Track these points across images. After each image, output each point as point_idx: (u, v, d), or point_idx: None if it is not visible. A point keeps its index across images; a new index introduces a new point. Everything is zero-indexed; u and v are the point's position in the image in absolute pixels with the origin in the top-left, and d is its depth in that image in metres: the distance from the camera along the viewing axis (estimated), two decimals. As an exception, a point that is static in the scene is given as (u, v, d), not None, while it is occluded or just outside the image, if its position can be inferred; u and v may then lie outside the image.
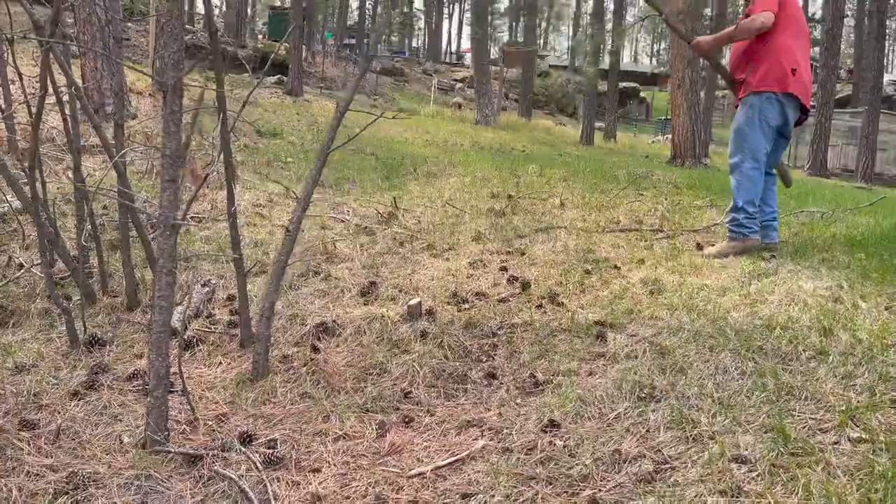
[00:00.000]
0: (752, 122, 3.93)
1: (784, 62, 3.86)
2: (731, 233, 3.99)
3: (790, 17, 3.94)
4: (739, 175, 3.97)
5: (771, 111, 3.92)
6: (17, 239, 4.03)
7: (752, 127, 3.94)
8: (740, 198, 3.95)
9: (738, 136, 4.00)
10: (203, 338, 2.93)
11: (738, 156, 3.99)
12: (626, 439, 2.11)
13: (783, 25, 3.88)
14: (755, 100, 3.92)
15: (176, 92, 1.76)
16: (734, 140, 4.03)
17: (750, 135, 3.94)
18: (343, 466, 2.06)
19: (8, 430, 2.12)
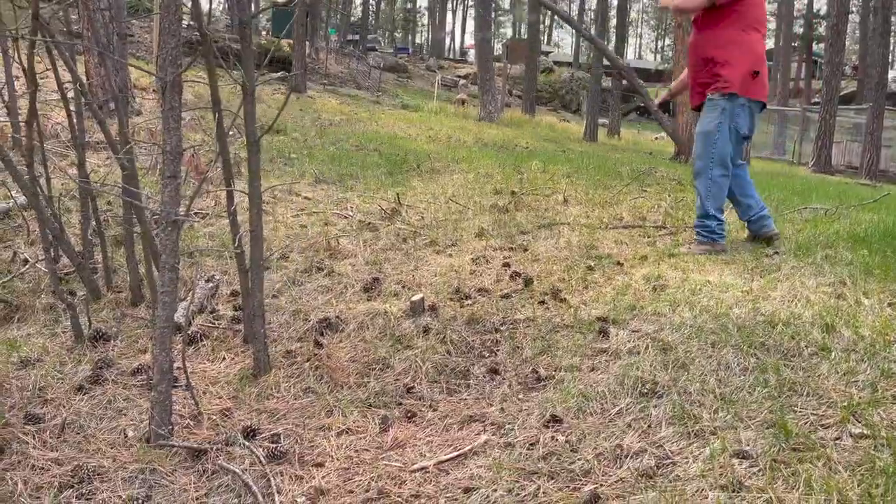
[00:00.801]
0: (722, 127, 3.79)
1: (752, 64, 3.76)
2: (701, 237, 3.91)
3: (754, 7, 3.83)
4: (709, 182, 3.86)
5: (742, 119, 3.82)
6: (23, 234, 4.05)
7: (721, 133, 3.80)
8: (711, 206, 3.86)
9: (706, 141, 3.84)
10: (207, 333, 2.95)
11: (704, 161, 3.86)
12: (627, 434, 2.12)
13: (749, 18, 3.78)
14: (727, 105, 3.78)
15: (174, 88, 1.77)
16: (701, 144, 3.88)
17: (719, 141, 3.80)
18: (346, 461, 2.08)
19: (13, 424, 2.14)
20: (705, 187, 3.86)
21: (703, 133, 3.86)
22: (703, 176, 3.88)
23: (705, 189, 3.86)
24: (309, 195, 5.55)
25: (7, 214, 4.44)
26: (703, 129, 3.85)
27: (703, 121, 3.87)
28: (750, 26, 3.81)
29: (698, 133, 3.90)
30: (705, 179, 3.86)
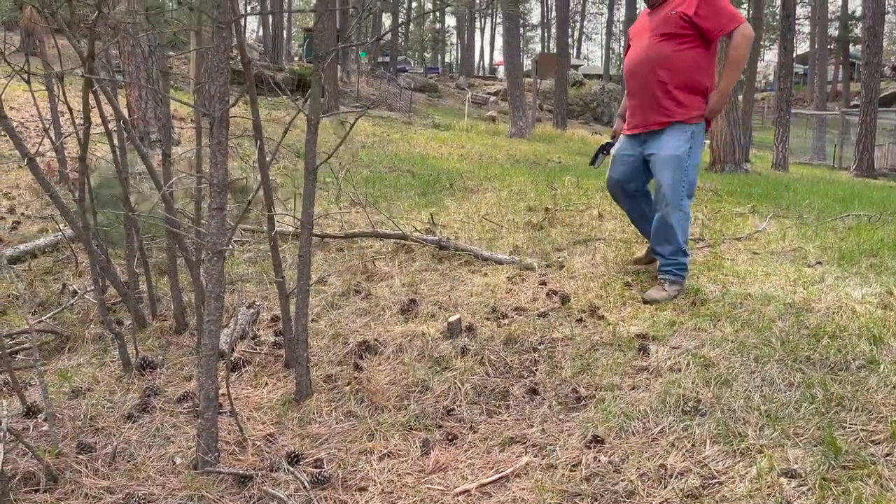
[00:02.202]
0: (692, 154, 3.46)
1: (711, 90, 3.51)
2: (674, 276, 3.50)
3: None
4: (680, 215, 3.47)
5: (701, 144, 3.55)
6: (71, 266, 4.18)
7: (692, 160, 3.46)
8: (683, 239, 3.51)
9: (679, 168, 3.42)
10: (249, 359, 3.00)
11: (675, 190, 3.44)
12: (671, 454, 2.10)
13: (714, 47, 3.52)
14: (697, 130, 3.47)
15: (222, 124, 1.83)
16: (672, 171, 3.43)
17: (690, 168, 3.46)
18: (389, 485, 2.09)
19: (67, 454, 2.20)
20: (676, 220, 3.46)
21: (674, 157, 3.42)
22: (673, 207, 3.45)
23: (677, 222, 3.46)
24: (345, 218, 5.62)
25: (55, 247, 4.60)
26: (675, 153, 3.42)
27: (670, 144, 3.44)
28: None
29: (667, 157, 3.43)
30: (676, 211, 3.45)
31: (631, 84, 3.63)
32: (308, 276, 2.65)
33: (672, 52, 3.40)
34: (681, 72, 3.41)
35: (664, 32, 3.41)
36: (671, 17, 3.39)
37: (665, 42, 3.41)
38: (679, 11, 3.35)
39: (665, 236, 3.51)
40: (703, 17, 3.31)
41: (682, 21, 3.34)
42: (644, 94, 3.52)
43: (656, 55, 3.44)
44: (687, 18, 3.33)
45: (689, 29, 3.35)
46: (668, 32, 3.39)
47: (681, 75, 3.41)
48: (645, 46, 3.50)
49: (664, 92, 3.44)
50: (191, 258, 3.18)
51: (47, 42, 4.44)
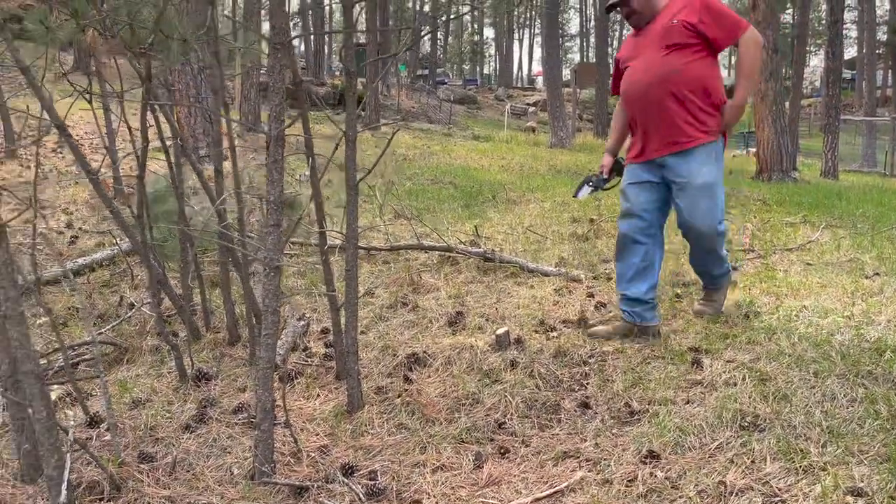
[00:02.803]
0: (720, 177, 3.14)
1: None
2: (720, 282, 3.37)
3: None
4: (721, 238, 3.19)
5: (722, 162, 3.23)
6: (127, 279, 4.30)
7: (720, 182, 3.13)
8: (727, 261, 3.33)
9: (715, 195, 3.09)
10: (301, 371, 3.04)
11: (719, 217, 3.13)
12: (730, 470, 2.06)
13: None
14: (720, 147, 3.14)
15: (278, 142, 1.87)
16: (711, 201, 3.07)
17: (720, 192, 3.14)
18: (443, 498, 2.09)
19: (129, 464, 2.26)
20: (720, 245, 3.21)
21: (710, 185, 3.05)
22: (718, 234, 3.15)
23: (720, 246, 3.22)
24: (390, 231, 5.67)
25: (112, 261, 4.74)
26: (708, 179, 3.05)
27: (703, 170, 3.05)
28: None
29: (703, 185, 3.04)
30: (719, 237, 3.16)
31: (636, 108, 3.18)
32: (355, 289, 2.68)
33: (683, 64, 3.01)
34: (696, 85, 3.04)
35: (670, 44, 3.02)
36: (673, 26, 3.02)
37: (674, 53, 3.02)
38: (681, 19, 3.01)
39: (710, 262, 3.28)
40: (708, 24, 2.99)
41: (686, 30, 3.00)
42: (658, 115, 3.09)
43: (667, 69, 3.03)
44: (691, 27, 2.99)
45: (695, 38, 3.00)
46: (676, 43, 3.02)
47: (697, 89, 3.05)
48: (650, 63, 3.08)
49: (682, 108, 3.05)
50: (243, 271, 3.24)
51: (106, 62, 4.59)
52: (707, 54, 3.06)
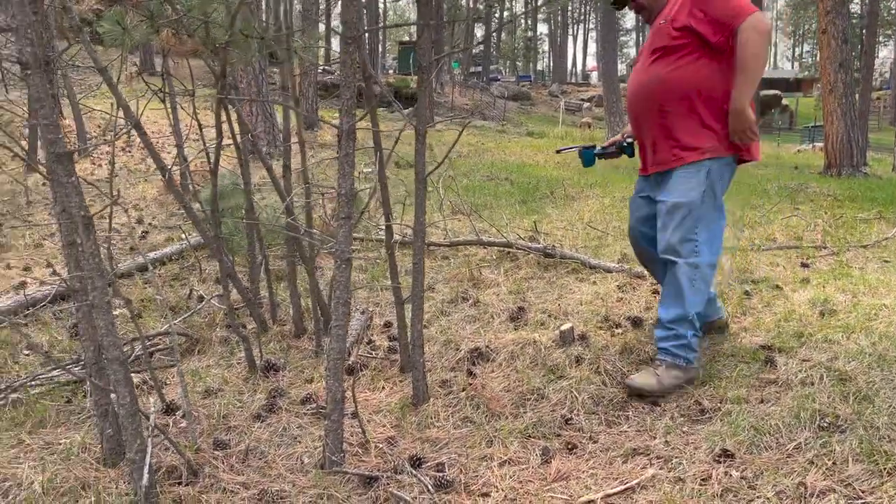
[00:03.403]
0: (708, 195, 2.63)
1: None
2: (672, 356, 2.67)
3: None
4: (695, 274, 2.64)
5: (725, 183, 2.71)
6: (196, 273, 4.43)
7: (707, 205, 2.64)
8: (692, 306, 2.65)
9: (689, 216, 2.63)
10: (365, 363, 3.08)
11: (691, 245, 2.63)
12: (810, 472, 1.99)
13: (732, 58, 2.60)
14: (715, 166, 2.64)
15: (350, 136, 1.89)
16: (683, 222, 2.64)
17: (707, 215, 2.64)
18: (511, 491, 2.09)
19: (204, 450, 2.32)
20: (689, 280, 2.65)
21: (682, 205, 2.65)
22: (688, 267, 2.65)
23: (689, 282, 2.65)
24: (448, 227, 5.68)
25: (181, 255, 4.88)
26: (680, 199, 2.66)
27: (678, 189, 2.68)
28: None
29: (673, 205, 2.67)
30: (690, 270, 2.65)
31: (631, 121, 2.91)
32: (422, 282, 2.69)
33: (667, 72, 2.62)
34: (682, 96, 2.63)
35: (656, 48, 2.68)
36: (661, 27, 2.67)
37: (659, 61, 2.67)
38: (671, 19, 2.63)
39: (669, 295, 2.71)
40: (700, 20, 2.55)
41: (673, 30, 2.61)
42: (644, 129, 2.81)
43: (650, 79, 2.69)
44: (681, 26, 2.60)
45: (684, 38, 2.60)
46: (661, 47, 2.66)
47: (682, 101, 2.63)
48: (638, 72, 2.78)
49: (663, 125, 2.70)
50: (309, 265, 3.30)
51: (177, 62, 4.73)
52: (703, 56, 2.60)
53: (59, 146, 1.66)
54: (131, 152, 10.14)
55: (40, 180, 6.78)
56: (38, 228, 5.78)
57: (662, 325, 2.72)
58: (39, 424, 2.55)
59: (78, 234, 1.76)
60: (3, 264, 4.87)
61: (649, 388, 2.60)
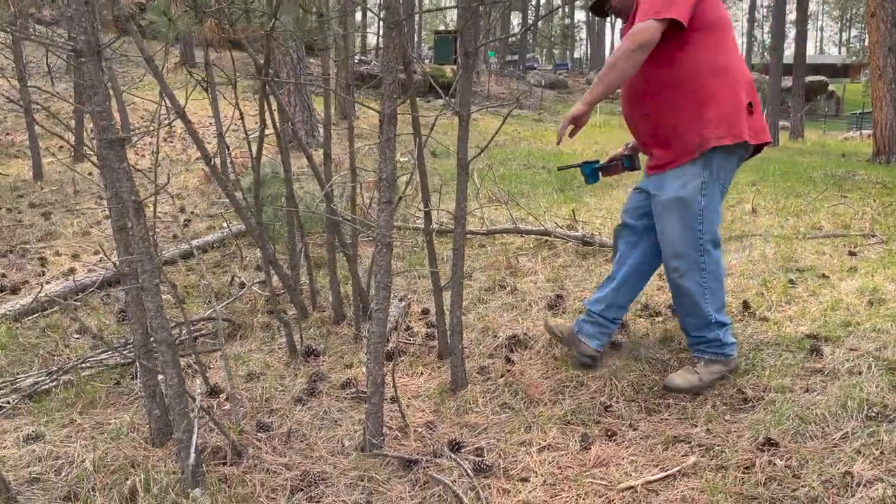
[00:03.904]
0: (709, 189, 2.45)
1: (740, 93, 2.43)
2: (709, 354, 2.59)
3: (722, 21, 2.45)
4: (701, 275, 2.50)
5: (728, 172, 2.50)
6: (237, 260, 4.51)
7: (709, 198, 2.46)
8: (711, 306, 2.53)
9: (688, 213, 2.46)
10: (404, 349, 3.10)
11: (689, 245, 2.48)
12: (856, 461, 1.95)
13: (720, 36, 2.43)
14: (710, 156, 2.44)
15: (391, 121, 1.90)
16: (683, 220, 2.47)
17: (707, 208, 2.45)
18: (550, 477, 2.09)
19: (248, 432, 2.38)
20: (695, 284, 2.52)
21: (677, 200, 2.48)
22: (688, 267, 2.52)
23: (696, 286, 2.53)
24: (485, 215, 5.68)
25: (222, 243, 4.97)
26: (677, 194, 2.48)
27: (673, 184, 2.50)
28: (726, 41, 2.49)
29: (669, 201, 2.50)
30: (694, 272, 2.51)
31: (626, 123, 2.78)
32: (462, 268, 2.70)
33: (641, 75, 2.47)
34: (661, 97, 2.49)
35: None
36: (623, 29, 2.59)
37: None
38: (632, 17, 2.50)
39: (683, 306, 2.61)
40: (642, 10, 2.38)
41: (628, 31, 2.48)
42: (636, 133, 2.71)
43: (631, 83, 2.57)
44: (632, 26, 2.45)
45: None
46: None
47: (663, 101, 2.49)
48: None
49: (649, 129, 2.58)
50: (349, 252, 3.34)
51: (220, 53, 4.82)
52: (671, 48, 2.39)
53: (112, 132, 1.70)
54: (173, 143, 10.34)
55: (86, 170, 6.96)
56: (86, 217, 5.94)
57: (688, 334, 2.64)
58: (90, 405, 2.63)
59: (129, 218, 1.80)
60: (53, 251, 5.02)
61: (688, 386, 2.53)
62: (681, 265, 2.52)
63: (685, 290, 2.54)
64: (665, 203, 2.49)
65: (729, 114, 2.40)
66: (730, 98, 2.41)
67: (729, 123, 2.40)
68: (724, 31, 2.44)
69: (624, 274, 2.75)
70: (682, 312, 2.65)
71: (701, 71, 2.40)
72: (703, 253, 2.47)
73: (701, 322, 2.57)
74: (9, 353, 3.12)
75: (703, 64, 2.40)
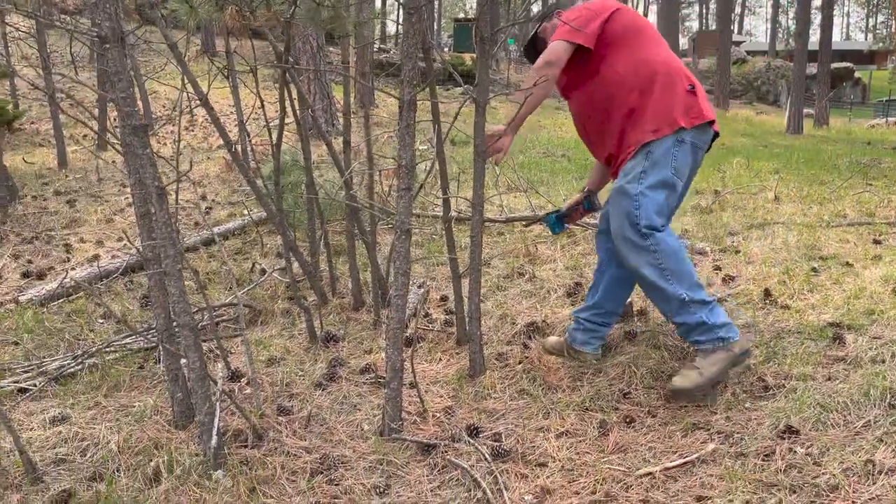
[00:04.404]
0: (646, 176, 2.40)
1: (673, 84, 2.43)
2: (702, 343, 2.43)
3: (634, 27, 2.51)
4: (653, 256, 2.38)
5: (682, 159, 2.43)
6: (257, 247, 4.54)
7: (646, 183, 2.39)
8: (678, 286, 2.37)
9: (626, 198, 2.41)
10: (422, 336, 3.12)
11: (630, 230, 2.40)
12: (878, 449, 1.94)
13: (634, 42, 2.48)
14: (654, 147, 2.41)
15: (411, 107, 1.91)
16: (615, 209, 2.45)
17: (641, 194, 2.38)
18: (568, 462, 2.09)
19: (268, 416, 2.41)
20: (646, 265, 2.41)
21: (619, 189, 2.47)
22: (631, 251, 2.43)
23: (648, 268, 2.40)
24: (504, 203, 5.66)
25: (243, 230, 5.02)
26: (618, 183, 2.48)
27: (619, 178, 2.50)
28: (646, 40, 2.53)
29: (613, 191, 2.51)
30: (639, 254, 2.41)
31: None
32: (479, 254, 2.70)
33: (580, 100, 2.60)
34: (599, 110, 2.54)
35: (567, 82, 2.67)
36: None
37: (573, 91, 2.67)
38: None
39: (652, 296, 2.50)
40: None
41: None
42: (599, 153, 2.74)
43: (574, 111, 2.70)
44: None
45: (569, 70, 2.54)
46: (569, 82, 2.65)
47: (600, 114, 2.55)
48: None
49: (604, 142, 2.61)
50: (368, 239, 3.35)
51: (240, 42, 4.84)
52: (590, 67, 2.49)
53: (135, 119, 1.72)
54: (194, 131, 10.42)
55: (110, 159, 7.05)
56: (109, 204, 6.02)
57: (674, 324, 2.51)
58: (114, 388, 2.68)
59: (152, 204, 1.83)
60: (78, 238, 5.10)
61: (691, 385, 2.34)
62: (629, 254, 2.43)
63: (644, 277, 2.42)
64: (611, 197, 2.50)
65: (663, 106, 2.41)
66: (661, 93, 2.42)
67: (663, 115, 2.40)
68: (637, 37, 2.50)
69: (606, 282, 2.75)
70: (655, 303, 2.52)
71: (625, 79, 2.46)
72: (647, 233, 2.37)
73: (674, 305, 2.41)
74: (35, 337, 3.18)
75: (625, 72, 2.46)
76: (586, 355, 2.78)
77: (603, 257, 2.77)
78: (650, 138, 2.40)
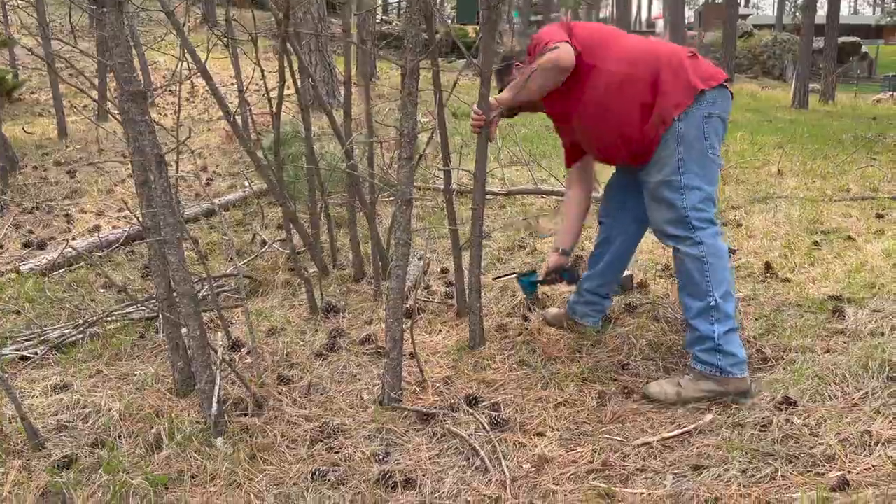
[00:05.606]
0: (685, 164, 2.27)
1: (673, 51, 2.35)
2: (701, 364, 2.24)
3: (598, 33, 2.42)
4: (701, 249, 2.25)
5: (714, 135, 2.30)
6: (258, 219, 4.54)
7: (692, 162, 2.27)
8: (716, 290, 2.22)
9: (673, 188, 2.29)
10: (423, 307, 3.12)
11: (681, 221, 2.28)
12: (876, 421, 1.95)
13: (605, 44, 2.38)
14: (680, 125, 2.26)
15: (413, 75, 1.89)
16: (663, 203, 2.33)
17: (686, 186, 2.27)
18: (566, 432, 2.11)
19: (269, 385, 2.42)
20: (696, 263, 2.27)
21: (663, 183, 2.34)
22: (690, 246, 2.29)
23: (698, 263, 2.26)
24: (505, 176, 5.64)
25: (244, 201, 5.00)
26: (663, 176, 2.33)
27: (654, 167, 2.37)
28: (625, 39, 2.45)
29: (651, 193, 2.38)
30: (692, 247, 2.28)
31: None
32: (481, 226, 2.69)
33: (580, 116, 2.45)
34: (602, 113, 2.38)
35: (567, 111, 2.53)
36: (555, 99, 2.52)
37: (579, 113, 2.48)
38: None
39: (685, 286, 2.32)
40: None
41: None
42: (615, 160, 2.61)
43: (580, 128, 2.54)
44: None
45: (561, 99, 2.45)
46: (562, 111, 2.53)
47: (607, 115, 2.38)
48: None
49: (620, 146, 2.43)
50: (368, 211, 3.34)
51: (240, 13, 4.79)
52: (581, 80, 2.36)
53: (134, 85, 1.71)
54: (194, 102, 10.35)
55: (111, 129, 7.01)
56: (110, 175, 6.00)
57: (689, 324, 2.32)
58: (116, 357, 2.69)
59: (151, 172, 1.82)
60: (79, 208, 5.09)
61: (663, 398, 2.25)
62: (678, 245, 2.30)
63: (686, 268, 2.29)
64: (649, 190, 2.37)
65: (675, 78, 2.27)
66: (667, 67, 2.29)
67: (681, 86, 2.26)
68: (607, 36, 2.41)
69: (611, 252, 2.71)
70: (683, 297, 2.34)
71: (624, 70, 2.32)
72: (695, 228, 2.26)
73: (700, 307, 2.25)
74: (37, 306, 3.19)
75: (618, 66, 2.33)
76: (586, 328, 2.78)
77: (605, 219, 2.74)
78: (675, 114, 2.25)
